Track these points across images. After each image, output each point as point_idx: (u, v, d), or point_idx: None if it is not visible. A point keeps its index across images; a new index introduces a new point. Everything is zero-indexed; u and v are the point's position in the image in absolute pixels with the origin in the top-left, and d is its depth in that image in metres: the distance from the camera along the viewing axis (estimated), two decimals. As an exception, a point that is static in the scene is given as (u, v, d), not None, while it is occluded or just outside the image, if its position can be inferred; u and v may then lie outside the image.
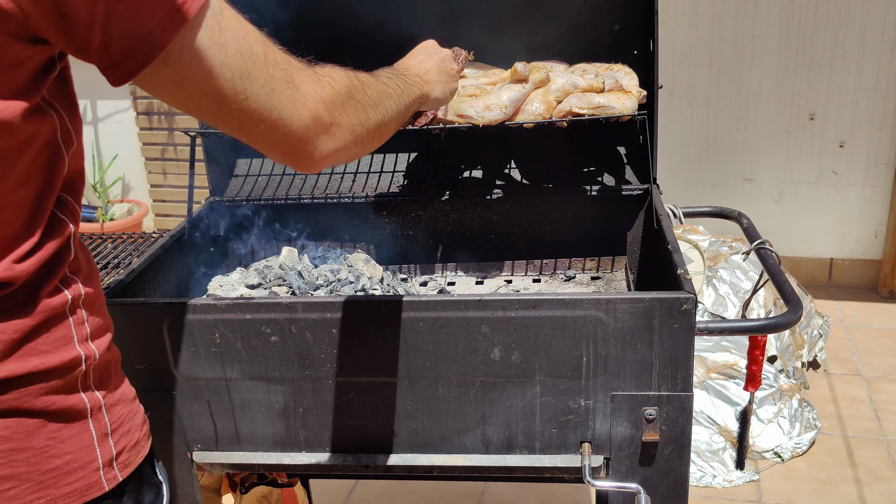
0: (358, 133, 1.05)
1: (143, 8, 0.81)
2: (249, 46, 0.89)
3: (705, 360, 2.96)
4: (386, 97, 1.16)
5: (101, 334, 0.99)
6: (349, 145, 1.03)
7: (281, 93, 0.92)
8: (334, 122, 0.99)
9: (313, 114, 0.96)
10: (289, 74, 0.94)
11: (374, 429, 1.46)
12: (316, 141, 0.97)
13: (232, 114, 0.91)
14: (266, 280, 1.82)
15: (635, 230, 1.96)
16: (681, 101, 3.94)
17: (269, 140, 0.95)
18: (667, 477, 1.42)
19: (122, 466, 1.00)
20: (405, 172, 2.07)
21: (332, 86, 1.00)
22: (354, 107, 1.04)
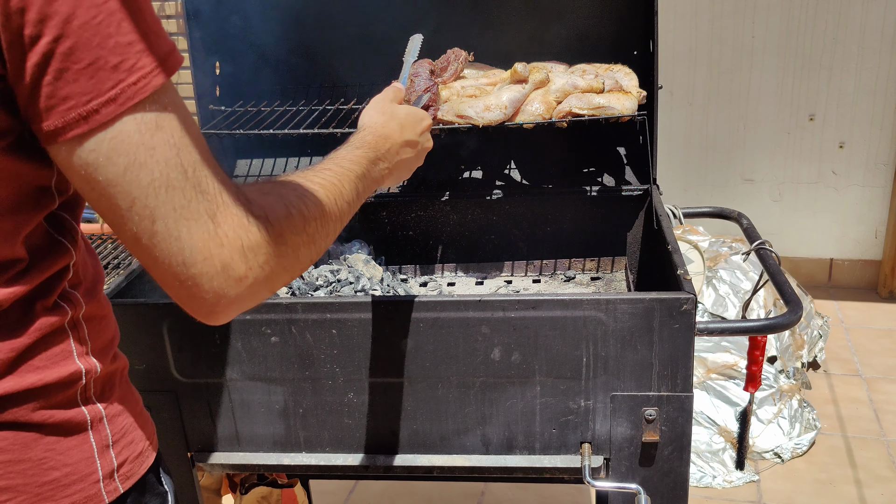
0: (276, 282, 0.89)
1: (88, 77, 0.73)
2: (179, 159, 0.77)
3: (705, 361, 2.96)
4: (333, 220, 1.00)
5: (104, 346, 0.97)
6: (259, 294, 0.88)
7: (195, 222, 0.79)
8: (248, 276, 0.84)
9: (224, 261, 0.81)
10: (212, 208, 0.80)
11: (373, 429, 1.46)
12: (218, 292, 0.83)
13: (129, 227, 0.79)
14: (266, 280, 1.82)
15: (635, 231, 1.96)
16: (680, 102, 3.94)
17: (165, 275, 0.82)
18: (667, 477, 1.42)
19: (123, 478, 0.98)
20: (405, 173, 2.07)
21: (260, 232, 0.84)
22: (281, 254, 0.88)
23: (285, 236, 0.88)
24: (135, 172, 0.76)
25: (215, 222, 0.80)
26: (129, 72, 0.74)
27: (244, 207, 0.83)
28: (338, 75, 2.05)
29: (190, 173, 0.78)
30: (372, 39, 1.99)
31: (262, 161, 2.09)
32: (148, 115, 0.76)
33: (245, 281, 0.84)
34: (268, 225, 0.85)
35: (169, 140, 0.77)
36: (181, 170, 0.78)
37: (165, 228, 0.78)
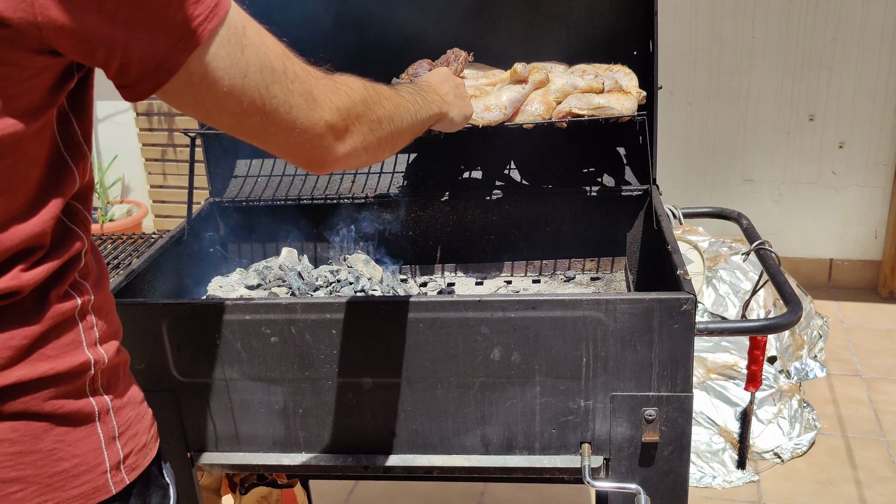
0: (369, 141, 1.09)
1: (158, 33, 0.83)
2: (270, 64, 0.92)
3: (705, 361, 2.96)
4: (402, 110, 1.21)
5: (109, 338, 1.00)
6: (359, 151, 1.08)
7: (299, 106, 0.96)
8: (348, 130, 1.03)
9: (328, 122, 1.00)
10: (307, 87, 0.97)
11: (373, 429, 1.46)
12: (329, 146, 1.02)
13: (253, 127, 0.94)
14: (266, 281, 1.82)
15: (635, 231, 1.96)
16: (680, 102, 3.94)
17: (287, 148, 0.99)
18: (667, 477, 1.42)
19: (129, 469, 1.00)
20: (405, 173, 2.07)
21: (349, 94, 1.04)
22: (369, 116, 1.09)
23: (367, 102, 1.09)
24: (240, 85, 0.89)
25: (313, 95, 0.98)
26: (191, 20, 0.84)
27: (328, 79, 1.03)
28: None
29: (280, 68, 0.93)
30: (372, 40, 1.99)
31: (262, 161, 2.09)
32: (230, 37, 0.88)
33: (347, 134, 1.04)
34: (351, 91, 1.05)
35: (256, 51, 0.91)
36: (273, 70, 0.92)
37: (279, 117, 0.94)
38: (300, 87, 0.96)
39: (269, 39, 0.93)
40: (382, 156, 1.19)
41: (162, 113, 4.68)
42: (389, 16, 1.93)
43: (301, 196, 2.02)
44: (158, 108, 4.68)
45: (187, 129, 1.92)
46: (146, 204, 4.86)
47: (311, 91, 0.97)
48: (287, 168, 2.09)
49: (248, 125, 0.94)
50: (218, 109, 0.91)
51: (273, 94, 0.92)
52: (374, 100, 1.11)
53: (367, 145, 1.09)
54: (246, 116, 0.92)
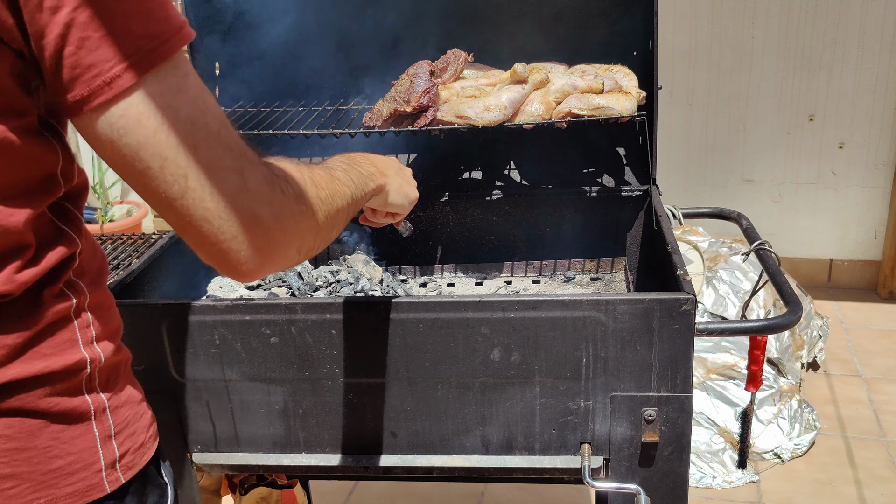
0: (303, 242, 0.95)
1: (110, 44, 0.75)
2: (204, 120, 0.81)
3: (705, 361, 2.96)
4: (338, 197, 1.05)
5: (107, 336, 0.99)
6: (291, 255, 0.94)
7: (224, 180, 0.82)
8: (279, 230, 0.88)
9: (256, 216, 0.85)
10: (240, 164, 0.84)
11: (373, 430, 1.46)
12: (252, 249, 0.86)
13: (163, 189, 0.81)
14: (265, 281, 1.82)
15: (635, 231, 1.96)
16: (680, 102, 3.94)
17: (198, 236, 0.85)
18: (666, 478, 1.42)
19: (125, 468, 1.00)
20: (405, 173, 2.07)
21: (284, 190, 0.90)
22: (304, 213, 0.94)
23: (304, 195, 0.94)
24: (164, 133, 0.78)
25: (243, 177, 0.84)
26: (147, 39, 0.77)
27: (266, 165, 0.88)
28: (338, 76, 2.05)
29: (215, 131, 0.82)
30: (373, 40, 1.99)
31: (262, 161, 2.09)
32: (170, 79, 0.79)
33: (275, 233, 0.88)
34: (287, 182, 0.90)
35: (193, 102, 0.80)
36: (207, 129, 0.81)
37: (199, 185, 0.81)
38: (231, 162, 0.83)
39: (211, 99, 0.84)
40: (312, 253, 1.01)
41: (162, 113, 4.67)
42: (390, 17, 1.93)
43: (301, 196, 2.02)
44: (158, 109, 4.67)
45: (187, 129, 1.92)
46: (146, 204, 4.86)
47: (242, 170, 0.84)
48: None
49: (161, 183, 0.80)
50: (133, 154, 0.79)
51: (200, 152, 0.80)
52: (310, 194, 0.96)
53: (301, 247, 0.96)
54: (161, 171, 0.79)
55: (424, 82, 1.75)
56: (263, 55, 2.00)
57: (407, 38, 1.94)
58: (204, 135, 0.81)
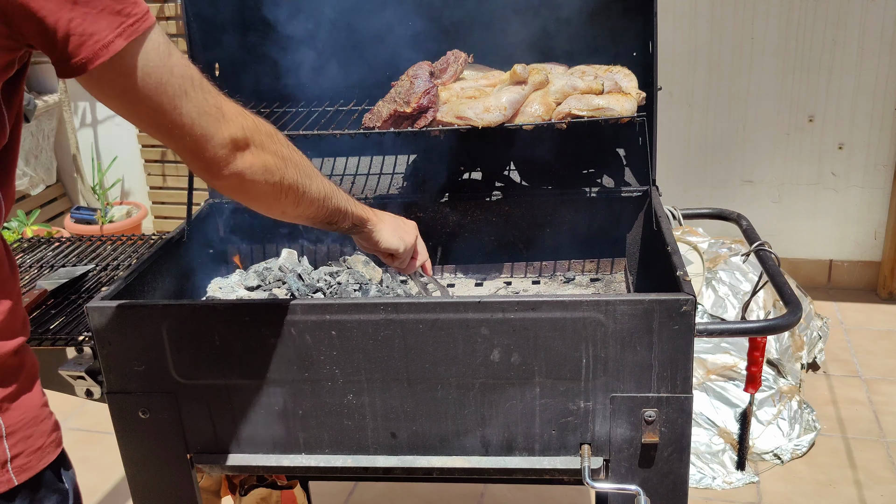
0: (270, 171, 1.18)
1: (102, 15, 0.94)
2: (190, 73, 1.04)
3: (705, 362, 2.96)
4: (315, 176, 1.29)
5: None
6: (260, 176, 1.16)
7: (209, 114, 1.07)
8: (250, 145, 1.13)
9: (232, 134, 1.10)
10: (218, 101, 1.09)
11: (373, 431, 1.46)
12: (227, 157, 1.11)
13: (166, 125, 1.04)
14: (265, 282, 1.82)
15: (635, 232, 1.96)
16: (680, 103, 3.94)
17: (191, 151, 1.09)
18: (666, 479, 1.42)
19: (18, 470, 1.01)
20: (405, 174, 2.07)
21: (255, 122, 1.16)
22: (273, 149, 1.18)
23: (274, 137, 1.19)
24: (163, 87, 1.01)
25: (222, 111, 1.09)
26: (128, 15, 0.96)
27: (239, 105, 1.14)
28: (340, 76, 2.05)
29: (198, 83, 1.06)
30: (373, 41, 1.99)
31: (262, 162, 2.09)
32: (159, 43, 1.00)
33: (247, 150, 1.13)
34: (258, 121, 1.16)
35: (179, 61, 1.03)
36: (192, 82, 1.04)
37: (190, 120, 1.05)
38: (213, 100, 1.08)
39: (188, 61, 1.06)
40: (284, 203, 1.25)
41: (161, 114, 4.67)
42: (391, 17, 1.93)
43: (301, 197, 2.02)
44: (158, 110, 4.68)
45: (187, 130, 1.92)
46: (146, 205, 4.86)
47: (221, 105, 1.09)
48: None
49: (161, 128, 1.05)
50: (140, 102, 1.01)
51: (190, 98, 1.04)
52: (282, 142, 1.21)
53: (268, 171, 1.17)
54: (163, 114, 1.02)
55: (424, 83, 1.75)
56: (263, 55, 2.00)
57: (406, 40, 1.94)
58: (190, 85, 1.04)
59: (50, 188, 4.88)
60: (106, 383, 1.47)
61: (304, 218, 1.33)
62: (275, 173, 1.18)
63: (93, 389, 1.56)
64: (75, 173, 4.85)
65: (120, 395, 1.47)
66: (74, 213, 4.61)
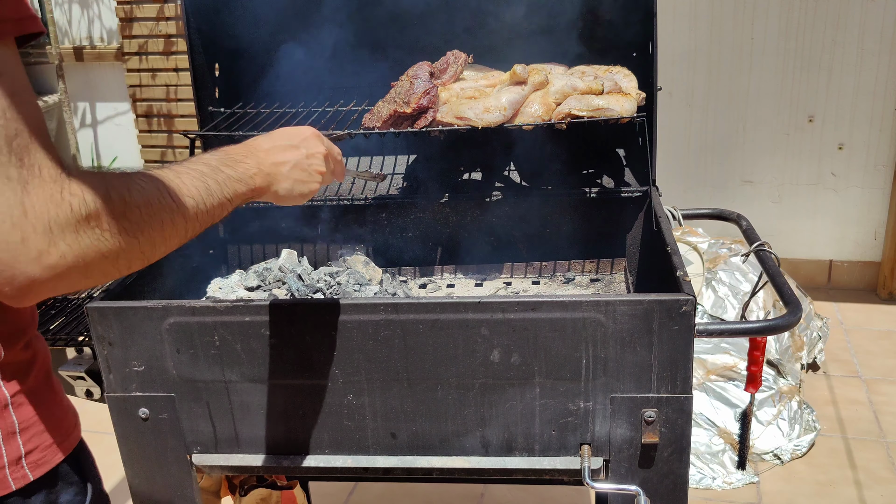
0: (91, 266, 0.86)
1: None
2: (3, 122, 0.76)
3: (705, 362, 2.96)
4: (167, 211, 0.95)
5: (10, 333, 0.98)
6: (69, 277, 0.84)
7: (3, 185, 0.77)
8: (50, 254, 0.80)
9: (25, 233, 0.78)
10: (26, 176, 0.78)
11: (373, 431, 1.46)
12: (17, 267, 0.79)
13: None
14: (265, 282, 1.82)
15: (634, 232, 1.96)
16: (680, 104, 3.94)
17: None
18: (666, 479, 1.42)
19: (33, 466, 0.99)
20: (404, 174, 2.07)
21: (72, 210, 0.82)
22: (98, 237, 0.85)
23: (101, 219, 0.84)
24: None
25: (25, 191, 0.78)
26: None
27: (61, 186, 0.81)
28: (338, 77, 2.05)
29: (12, 139, 0.76)
30: (372, 41, 1.99)
31: (262, 163, 2.09)
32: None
33: (47, 258, 0.80)
34: (82, 206, 0.82)
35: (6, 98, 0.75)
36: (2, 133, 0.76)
37: None
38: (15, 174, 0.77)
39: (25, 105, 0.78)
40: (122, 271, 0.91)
41: (161, 115, 4.68)
42: (390, 18, 1.93)
43: (301, 197, 2.02)
44: (158, 110, 4.68)
45: (187, 130, 1.92)
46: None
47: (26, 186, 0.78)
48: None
49: None
50: None
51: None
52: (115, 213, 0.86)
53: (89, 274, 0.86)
54: None
55: (424, 83, 1.75)
56: (263, 55, 2.00)
57: (406, 40, 1.94)
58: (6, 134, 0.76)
59: (50, 188, 4.88)
60: (106, 384, 1.47)
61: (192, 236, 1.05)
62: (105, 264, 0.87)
63: (93, 390, 1.56)
64: (75, 174, 4.85)
65: (120, 395, 1.47)
66: (74, 214, 4.61)
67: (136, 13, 4.62)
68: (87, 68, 4.74)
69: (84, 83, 4.79)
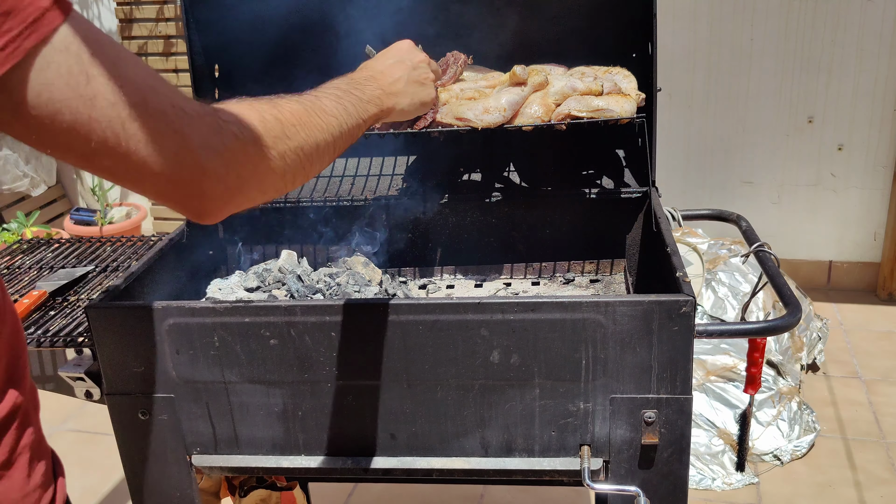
0: (264, 183, 0.93)
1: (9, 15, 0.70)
2: (126, 97, 0.77)
3: (704, 363, 2.96)
4: (317, 131, 1.02)
5: None
6: (253, 196, 0.92)
7: (162, 145, 0.80)
8: (233, 177, 0.87)
9: (205, 169, 0.84)
10: (174, 124, 0.81)
11: (373, 432, 1.46)
12: (208, 198, 0.86)
13: (109, 169, 0.80)
14: (265, 283, 1.82)
15: (634, 233, 1.96)
16: (679, 104, 3.94)
17: (157, 192, 0.84)
18: (666, 480, 1.42)
19: None
20: (404, 175, 2.07)
21: (237, 135, 0.88)
22: (261, 156, 0.91)
23: (260, 139, 0.91)
24: (86, 114, 0.75)
25: (182, 134, 0.81)
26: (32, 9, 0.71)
27: (211, 117, 0.85)
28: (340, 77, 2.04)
29: (139, 102, 0.78)
30: (373, 43, 1.98)
31: (262, 163, 2.09)
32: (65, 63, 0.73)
33: (229, 181, 0.86)
34: (240, 128, 0.88)
35: (106, 83, 0.76)
36: (131, 104, 0.77)
37: (138, 156, 0.79)
38: (164, 125, 0.80)
39: (131, 67, 0.79)
40: (291, 187, 1.00)
41: (161, 115, 4.67)
42: (391, 19, 1.92)
43: (300, 198, 2.02)
44: (158, 111, 4.67)
45: (186, 131, 1.91)
46: (145, 206, 4.86)
47: (180, 129, 0.81)
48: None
49: (103, 167, 0.80)
50: (61, 147, 0.77)
51: (130, 133, 0.77)
52: (273, 133, 0.93)
53: (263, 189, 0.93)
54: (97, 157, 0.78)
55: None
56: (263, 56, 2.00)
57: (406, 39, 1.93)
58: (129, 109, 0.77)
59: (49, 189, 4.88)
60: (105, 384, 1.47)
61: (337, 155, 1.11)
62: (273, 180, 0.95)
63: (92, 391, 1.56)
64: (75, 175, 4.85)
65: (119, 396, 1.47)
66: (74, 215, 4.61)
67: (136, 14, 4.62)
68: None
69: (84, 84, 4.79)
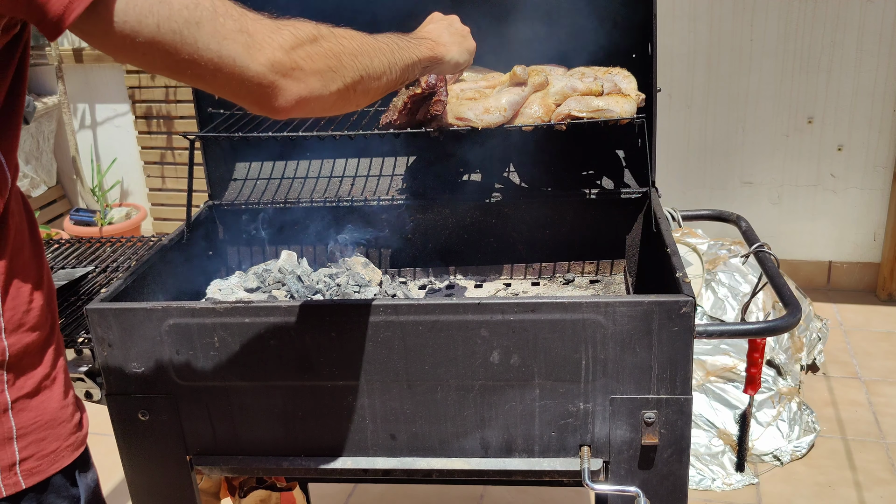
0: (329, 79, 1.03)
1: None
2: (195, 5, 0.90)
3: (704, 364, 2.96)
4: (371, 49, 1.13)
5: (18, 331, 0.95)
6: (320, 92, 1.02)
7: (233, 40, 0.92)
8: (296, 67, 0.98)
9: (270, 59, 0.95)
10: (241, 24, 0.93)
11: (372, 432, 1.46)
12: (278, 86, 0.96)
13: (185, 67, 0.91)
14: (265, 284, 1.82)
15: (634, 233, 1.96)
16: (679, 105, 3.94)
17: (230, 88, 0.95)
18: (666, 480, 1.42)
19: (27, 474, 0.97)
20: (404, 176, 2.07)
21: (293, 33, 0.99)
22: (322, 54, 1.02)
23: (318, 40, 1.02)
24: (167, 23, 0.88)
25: (249, 33, 0.93)
26: None
27: (272, 19, 0.98)
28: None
29: (210, 9, 0.91)
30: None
31: (262, 164, 2.09)
32: None
33: (298, 72, 0.98)
34: (296, 30, 0.99)
35: None
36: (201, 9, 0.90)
37: (211, 53, 0.91)
38: (233, 26, 0.92)
39: None
40: (354, 99, 1.10)
41: (161, 116, 4.68)
42: (391, 20, 1.92)
43: (300, 199, 2.02)
44: (157, 112, 4.68)
45: (186, 131, 1.92)
46: (145, 207, 4.86)
47: (246, 29, 0.94)
48: (286, 171, 2.09)
49: (184, 70, 0.92)
50: (146, 51, 0.89)
51: (201, 36, 0.90)
52: (327, 38, 1.04)
53: (329, 84, 1.03)
54: (179, 62, 0.90)
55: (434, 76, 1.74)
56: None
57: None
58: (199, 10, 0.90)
59: (49, 190, 4.88)
60: (105, 385, 1.47)
61: (377, 97, 1.20)
62: (335, 79, 1.03)
63: (92, 391, 1.56)
64: (74, 175, 4.85)
65: (119, 396, 1.47)
66: (74, 215, 4.61)
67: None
68: (87, 70, 4.74)
69: (83, 84, 4.79)
